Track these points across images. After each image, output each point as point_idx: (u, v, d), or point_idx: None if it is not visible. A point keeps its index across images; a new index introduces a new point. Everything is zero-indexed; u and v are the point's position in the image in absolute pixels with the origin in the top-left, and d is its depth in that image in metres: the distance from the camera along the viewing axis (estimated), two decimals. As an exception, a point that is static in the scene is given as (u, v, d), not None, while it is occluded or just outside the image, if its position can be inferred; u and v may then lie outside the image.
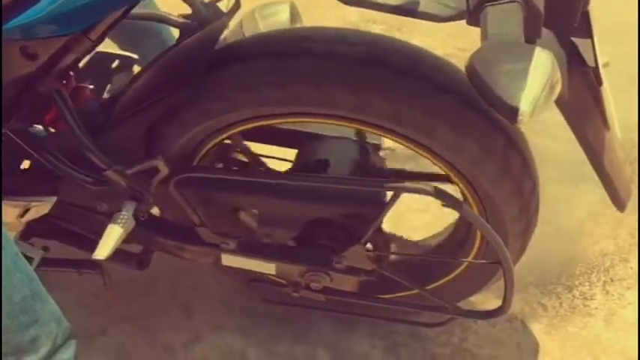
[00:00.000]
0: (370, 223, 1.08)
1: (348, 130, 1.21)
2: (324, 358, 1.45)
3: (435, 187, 0.96)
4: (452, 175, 1.07)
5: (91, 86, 1.31)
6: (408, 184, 0.97)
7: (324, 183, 1.01)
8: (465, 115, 0.97)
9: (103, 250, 1.02)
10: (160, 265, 1.39)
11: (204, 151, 1.14)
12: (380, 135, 1.07)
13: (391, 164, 1.70)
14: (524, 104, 0.66)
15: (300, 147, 1.26)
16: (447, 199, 0.96)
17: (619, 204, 1.07)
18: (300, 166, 1.24)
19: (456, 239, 1.26)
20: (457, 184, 1.10)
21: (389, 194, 1.02)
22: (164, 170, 1.02)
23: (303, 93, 0.99)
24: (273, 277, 1.23)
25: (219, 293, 1.54)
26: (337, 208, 1.08)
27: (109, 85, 1.33)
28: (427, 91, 0.98)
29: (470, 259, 1.18)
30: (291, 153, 1.28)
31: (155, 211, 1.33)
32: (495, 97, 0.67)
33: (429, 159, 1.05)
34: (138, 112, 1.05)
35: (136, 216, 1.05)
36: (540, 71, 0.67)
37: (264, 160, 1.35)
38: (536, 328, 1.49)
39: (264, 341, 1.48)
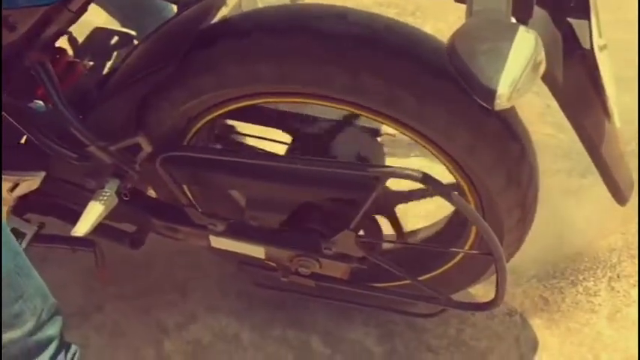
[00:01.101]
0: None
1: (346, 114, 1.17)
2: (317, 344, 1.42)
3: (423, 173, 0.91)
4: (445, 163, 1.02)
5: (91, 63, 1.28)
6: (393, 168, 0.93)
7: (309, 166, 0.97)
8: (459, 100, 0.92)
9: (82, 227, 0.99)
10: (157, 245, 1.36)
11: (194, 129, 1.10)
12: (374, 119, 1.02)
13: (394, 151, 1.66)
14: (502, 87, 0.60)
15: (296, 129, 1.22)
16: (434, 186, 0.91)
17: (620, 197, 1.01)
18: (294, 148, 1.20)
19: (452, 230, 1.21)
20: (451, 172, 1.05)
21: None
22: (147, 148, 0.98)
23: (293, 71, 0.95)
24: (263, 261, 1.20)
25: (216, 275, 1.51)
26: (325, 192, 1.04)
27: (109, 61, 1.31)
28: (421, 75, 0.93)
29: (470, 251, 1.13)
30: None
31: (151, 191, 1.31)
32: (472, 78, 0.62)
33: (421, 145, 1.01)
34: (127, 87, 1.02)
35: (119, 193, 1.02)
36: (522, 51, 0.61)
37: (261, 142, 1.32)
38: (536, 323, 1.44)
39: (258, 325, 1.45)
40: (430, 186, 0.91)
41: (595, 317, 1.44)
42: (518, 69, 0.61)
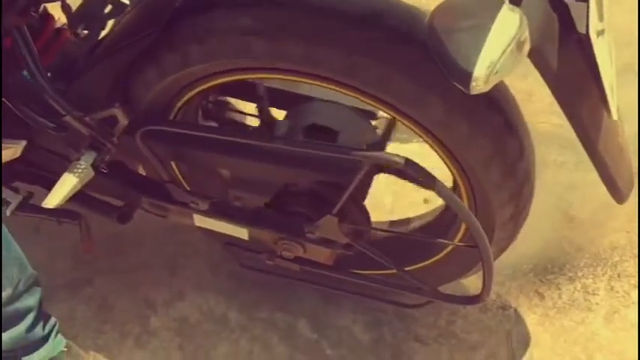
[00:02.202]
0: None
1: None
2: (304, 328, 1.37)
3: (407, 160, 0.85)
4: (440, 153, 0.96)
5: (85, 31, 1.23)
6: (376, 153, 0.87)
7: (289, 146, 0.91)
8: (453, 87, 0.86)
9: (53, 199, 0.95)
10: (150, 221, 1.32)
11: (179, 104, 1.05)
12: (365, 101, 0.96)
13: (396, 135, 1.59)
14: (479, 68, 0.54)
15: (289, 108, 1.17)
16: (417, 173, 0.85)
17: (618, 195, 0.94)
18: (286, 127, 1.15)
19: (444, 221, 1.15)
20: (445, 163, 0.99)
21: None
22: (123, 120, 0.94)
23: (284, 47, 0.89)
24: (248, 243, 1.15)
25: (206, 253, 1.47)
26: (307, 174, 0.98)
27: (103, 30, 1.26)
28: (420, 60, 0.86)
29: (454, 242, 1.07)
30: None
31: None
32: (447, 57, 0.55)
33: (415, 132, 0.94)
34: (110, 55, 0.97)
35: (95, 166, 0.97)
36: (504, 31, 0.55)
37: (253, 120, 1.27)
38: (530, 318, 1.38)
39: (246, 306, 1.41)
40: (413, 173, 0.85)
41: (591, 316, 1.38)
42: (497, 50, 0.55)
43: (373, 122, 1.19)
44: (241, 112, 1.36)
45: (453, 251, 1.10)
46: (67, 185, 0.94)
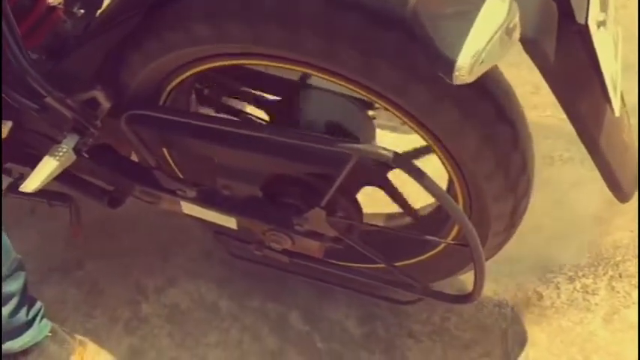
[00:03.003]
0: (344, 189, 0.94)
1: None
2: (295, 319, 1.34)
3: (395, 153, 0.81)
4: (434, 147, 0.91)
5: (82, 11, 1.19)
6: (363, 146, 0.82)
7: (274, 135, 0.87)
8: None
9: (32, 183, 0.92)
10: (144, 205, 1.29)
11: (169, 88, 1.01)
12: (353, 89, 0.91)
13: (396, 125, 1.54)
14: (463, 57, 0.49)
15: (284, 95, 1.13)
16: (407, 168, 0.81)
17: (620, 194, 0.89)
18: (278, 115, 1.11)
19: (439, 217, 1.10)
20: (438, 156, 0.94)
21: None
22: (105, 103, 0.90)
23: (265, 33, 0.84)
24: (237, 232, 1.11)
25: (200, 240, 1.43)
26: (295, 165, 0.94)
27: (98, 10, 1.22)
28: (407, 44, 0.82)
29: (447, 240, 1.02)
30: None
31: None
32: (431, 45, 0.51)
33: (404, 122, 0.90)
34: (96, 36, 0.93)
35: (77, 150, 0.93)
36: (491, 18, 0.50)
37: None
38: (527, 317, 1.33)
39: (238, 295, 1.37)
40: (402, 168, 0.80)
41: (590, 317, 1.33)
42: (483, 38, 0.50)
43: (371, 113, 1.15)
44: (238, 99, 1.32)
45: (447, 249, 1.05)
46: (46, 169, 0.91)
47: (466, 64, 0.49)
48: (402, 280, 1.02)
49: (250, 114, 1.26)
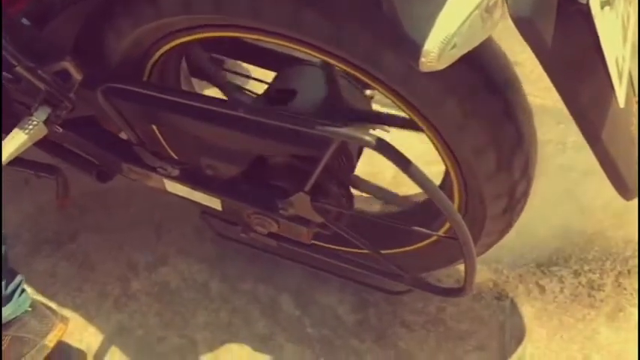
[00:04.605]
0: (333, 171, 0.89)
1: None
2: (286, 303, 1.29)
3: (379, 139, 0.74)
4: (431, 136, 0.85)
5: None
6: (345, 130, 0.76)
7: (252, 114, 0.81)
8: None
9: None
10: (139, 180, 1.25)
11: (151, 62, 0.96)
12: (351, 73, 0.84)
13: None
14: (431, 42, 0.43)
15: (278, 70, 1.07)
16: (391, 155, 0.75)
17: (624, 190, 0.81)
18: (269, 91, 1.05)
19: (434, 205, 1.03)
20: (436, 148, 0.87)
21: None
22: (76, 75, 0.85)
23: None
24: (223, 213, 1.06)
25: (194, 218, 1.38)
26: (280, 147, 0.88)
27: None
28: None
29: (442, 231, 0.96)
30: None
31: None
32: (399, 27, 0.44)
33: (404, 112, 0.83)
34: (73, 3, 0.88)
35: (50, 123, 0.89)
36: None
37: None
38: (527, 311, 1.27)
39: (229, 276, 1.33)
40: (385, 154, 0.74)
41: (593, 313, 1.26)
42: (457, 20, 0.43)
43: (368, 92, 1.09)
44: (233, 72, 1.27)
45: (438, 240, 0.99)
46: (15, 142, 0.86)
47: (435, 50, 0.43)
48: (390, 269, 0.96)
49: (248, 90, 1.21)
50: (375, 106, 1.08)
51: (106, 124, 1.06)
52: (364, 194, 1.16)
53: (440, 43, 0.43)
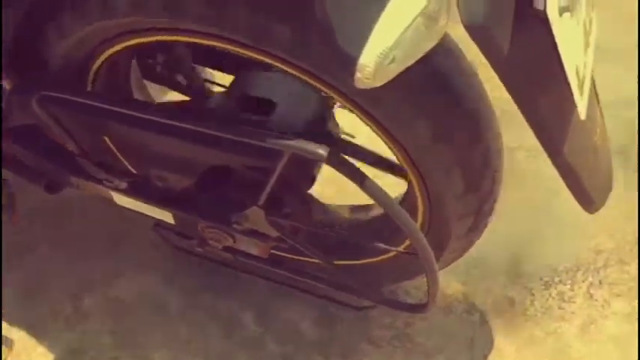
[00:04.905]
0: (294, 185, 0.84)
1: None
2: (248, 318, 1.24)
3: (330, 151, 0.70)
4: (394, 150, 0.80)
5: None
6: (296, 142, 0.72)
7: (197, 126, 0.77)
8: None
9: None
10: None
11: (94, 67, 0.90)
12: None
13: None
14: (367, 56, 0.39)
15: (238, 75, 1.02)
16: (344, 169, 0.70)
17: (587, 204, 0.78)
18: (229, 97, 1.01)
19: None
20: (400, 162, 0.83)
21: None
22: (5, 83, 0.79)
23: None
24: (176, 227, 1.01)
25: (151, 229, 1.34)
26: (231, 157, 0.84)
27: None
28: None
29: (398, 248, 0.92)
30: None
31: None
32: (332, 36, 0.40)
33: (367, 124, 0.79)
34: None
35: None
36: (404, 6, 0.39)
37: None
38: (496, 325, 1.23)
39: (188, 291, 1.27)
40: (339, 169, 0.70)
41: (565, 326, 1.23)
42: (395, 30, 0.39)
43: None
44: (191, 76, 1.22)
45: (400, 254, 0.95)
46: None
47: (370, 64, 0.38)
48: (351, 284, 0.92)
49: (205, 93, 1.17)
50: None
51: (49, 133, 1.01)
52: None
53: (376, 57, 0.39)
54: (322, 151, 0.69)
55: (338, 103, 1.02)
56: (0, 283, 0.98)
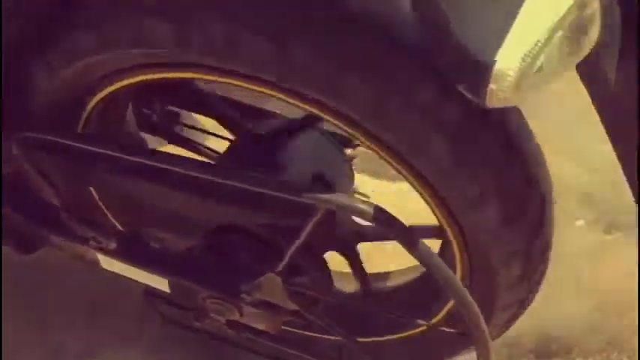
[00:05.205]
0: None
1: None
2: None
3: (376, 207, 0.58)
4: (421, 192, 0.69)
5: None
6: (335, 197, 0.59)
7: (213, 176, 0.64)
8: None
9: None
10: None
11: (88, 108, 0.78)
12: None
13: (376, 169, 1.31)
14: (506, 59, 0.27)
15: (241, 126, 0.91)
16: (389, 226, 0.58)
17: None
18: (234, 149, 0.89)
19: (429, 283, 0.87)
20: (429, 206, 0.72)
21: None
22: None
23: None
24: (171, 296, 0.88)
25: (136, 296, 1.19)
26: (246, 214, 0.71)
27: None
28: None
29: (439, 317, 0.79)
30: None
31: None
32: (449, 42, 0.28)
33: (389, 163, 0.67)
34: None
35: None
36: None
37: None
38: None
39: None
40: (383, 226, 0.58)
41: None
42: (542, 25, 0.27)
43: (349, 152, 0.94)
44: (194, 128, 1.11)
45: (430, 329, 0.82)
46: None
47: (512, 71, 0.26)
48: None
49: (207, 147, 1.05)
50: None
51: (31, 183, 0.87)
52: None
53: (519, 62, 0.27)
54: (367, 207, 0.57)
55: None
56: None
